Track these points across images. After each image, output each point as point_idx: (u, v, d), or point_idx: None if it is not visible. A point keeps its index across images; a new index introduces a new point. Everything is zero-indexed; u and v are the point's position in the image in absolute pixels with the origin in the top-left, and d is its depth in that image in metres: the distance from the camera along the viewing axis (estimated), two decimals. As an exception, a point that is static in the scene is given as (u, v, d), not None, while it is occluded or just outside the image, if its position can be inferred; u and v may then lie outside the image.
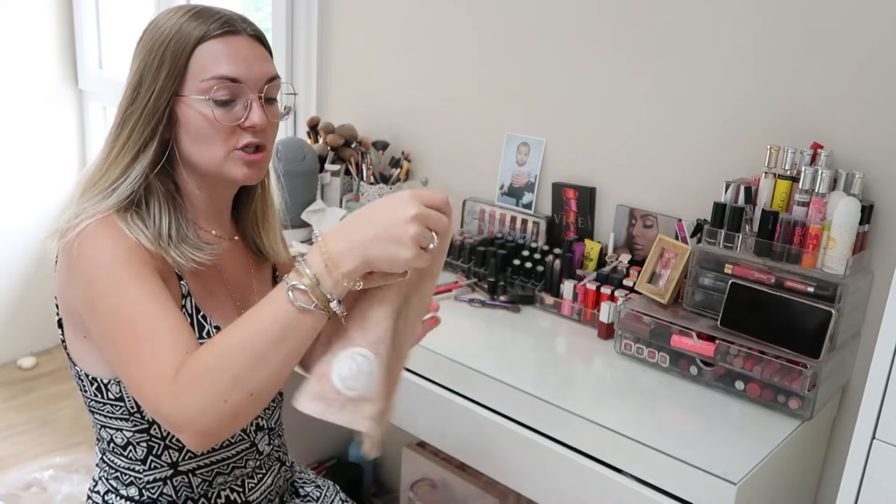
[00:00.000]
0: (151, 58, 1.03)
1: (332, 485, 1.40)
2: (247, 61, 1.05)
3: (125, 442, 1.11)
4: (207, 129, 1.04)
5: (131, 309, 0.95)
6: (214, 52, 1.03)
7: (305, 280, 0.85)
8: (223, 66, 1.03)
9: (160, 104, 1.03)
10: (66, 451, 2.48)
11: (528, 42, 1.79)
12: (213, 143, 1.05)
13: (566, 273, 1.63)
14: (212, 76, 1.03)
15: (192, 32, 1.03)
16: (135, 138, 1.04)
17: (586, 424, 1.21)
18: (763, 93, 1.45)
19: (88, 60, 2.94)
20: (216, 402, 0.86)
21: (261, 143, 1.07)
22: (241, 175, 1.07)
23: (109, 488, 1.16)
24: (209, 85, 1.02)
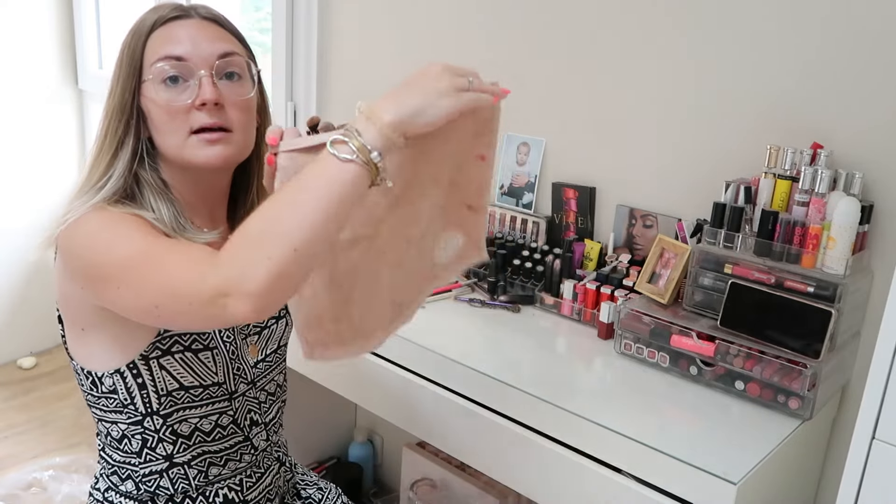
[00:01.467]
0: (118, 56, 1.06)
1: (334, 487, 1.40)
2: (193, 40, 1.04)
3: (120, 435, 1.12)
4: (162, 115, 1.03)
5: (143, 241, 0.94)
6: (164, 36, 1.04)
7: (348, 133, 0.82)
8: (169, 47, 1.03)
9: (126, 99, 1.04)
10: (66, 451, 2.48)
11: (528, 42, 1.78)
12: (171, 129, 1.03)
13: (566, 273, 1.63)
14: (158, 58, 1.03)
15: (146, 23, 1.05)
16: (111, 136, 1.05)
17: (586, 424, 1.21)
18: (763, 92, 1.45)
19: (88, 60, 2.94)
20: (260, 259, 0.79)
21: (218, 122, 1.03)
22: (202, 158, 1.03)
23: (109, 485, 1.16)
24: (157, 68, 1.03)
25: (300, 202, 0.81)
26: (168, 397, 1.09)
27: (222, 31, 1.08)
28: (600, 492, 1.19)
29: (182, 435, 1.12)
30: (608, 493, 1.18)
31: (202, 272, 0.83)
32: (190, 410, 1.11)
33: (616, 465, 1.18)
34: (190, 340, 1.09)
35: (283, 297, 0.83)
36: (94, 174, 1.05)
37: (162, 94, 1.03)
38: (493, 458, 1.33)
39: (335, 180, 0.81)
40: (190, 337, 1.09)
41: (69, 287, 1.05)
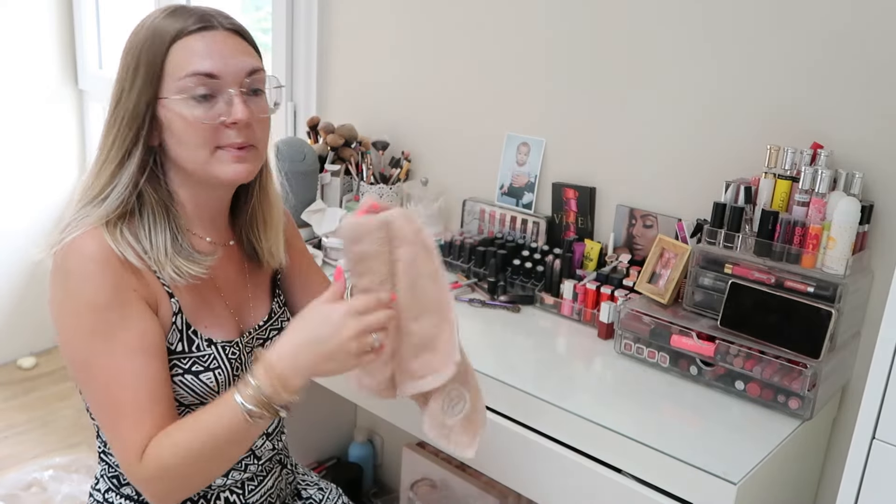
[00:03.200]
0: (129, 61, 1.02)
1: (334, 488, 1.40)
2: (223, 55, 1.02)
3: None
4: (189, 130, 1.01)
5: (108, 369, 0.98)
6: (189, 48, 1.00)
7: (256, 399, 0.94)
8: (198, 63, 1.00)
9: (140, 109, 1.01)
10: (66, 451, 2.48)
11: (528, 42, 1.78)
12: (197, 144, 1.02)
13: (566, 273, 1.63)
14: (186, 73, 1.00)
15: (166, 31, 1.00)
16: (118, 145, 1.03)
17: (586, 424, 1.21)
18: (763, 92, 1.45)
19: (88, 60, 2.94)
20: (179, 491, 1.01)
21: (247, 140, 1.04)
22: (230, 174, 1.04)
23: (110, 486, 1.15)
24: (185, 83, 1.00)
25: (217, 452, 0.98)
26: None
27: (246, 45, 1.06)
28: (600, 492, 1.19)
29: None
30: (608, 493, 1.18)
31: (129, 471, 0.99)
32: None
33: (616, 465, 1.18)
34: (190, 363, 1.07)
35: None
36: (97, 183, 1.03)
37: (193, 111, 1.00)
38: (493, 458, 1.33)
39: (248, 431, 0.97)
40: (189, 360, 1.07)
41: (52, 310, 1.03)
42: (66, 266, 0.99)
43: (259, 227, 1.18)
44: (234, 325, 1.15)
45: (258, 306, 1.20)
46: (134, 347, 0.99)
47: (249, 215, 1.17)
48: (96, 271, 0.97)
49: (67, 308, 0.99)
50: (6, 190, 2.89)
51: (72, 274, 0.98)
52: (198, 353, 1.07)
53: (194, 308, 1.08)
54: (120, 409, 0.99)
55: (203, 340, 1.08)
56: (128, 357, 0.99)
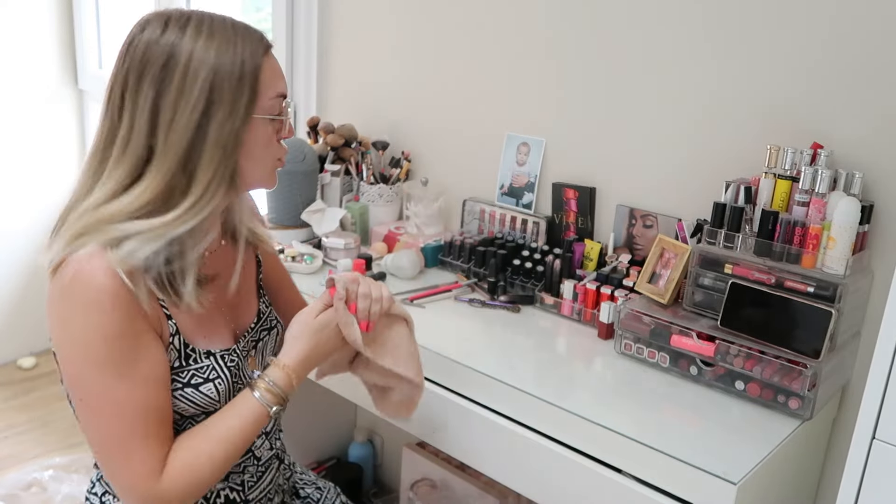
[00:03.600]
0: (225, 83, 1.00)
1: (332, 486, 1.40)
2: (284, 75, 1.10)
3: None
4: (271, 147, 1.07)
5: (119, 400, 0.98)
6: (270, 69, 1.05)
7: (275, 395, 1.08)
8: (279, 84, 1.07)
9: (240, 132, 1.02)
10: (66, 451, 2.48)
11: (528, 42, 1.78)
12: (266, 158, 1.08)
13: (566, 273, 1.63)
14: (275, 94, 1.05)
15: (257, 53, 1.03)
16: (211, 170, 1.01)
17: (586, 424, 1.21)
18: (763, 92, 1.45)
19: (88, 60, 2.94)
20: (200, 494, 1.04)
21: None
22: (275, 182, 1.12)
23: (107, 489, 1.15)
24: (273, 104, 1.05)
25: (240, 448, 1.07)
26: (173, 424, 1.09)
27: None
28: (600, 492, 1.19)
29: None
30: (608, 493, 1.18)
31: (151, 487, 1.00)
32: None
33: (616, 465, 1.18)
34: (189, 376, 1.07)
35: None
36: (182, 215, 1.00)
37: (271, 128, 1.06)
38: (493, 458, 1.33)
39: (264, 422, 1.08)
40: (188, 373, 1.07)
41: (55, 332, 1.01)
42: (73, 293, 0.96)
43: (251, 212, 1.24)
44: (230, 331, 1.15)
45: (248, 308, 1.21)
46: (146, 377, 1.00)
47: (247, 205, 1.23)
48: (108, 302, 0.96)
49: (77, 337, 0.97)
50: (6, 190, 2.89)
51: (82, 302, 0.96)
52: (196, 366, 1.07)
53: (193, 324, 1.08)
54: (132, 437, 0.99)
55: (201, 354, 1.08)
56: (139, 387, 0.99)
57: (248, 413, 1.07)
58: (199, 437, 1.04)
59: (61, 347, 1.00)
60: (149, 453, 0.99)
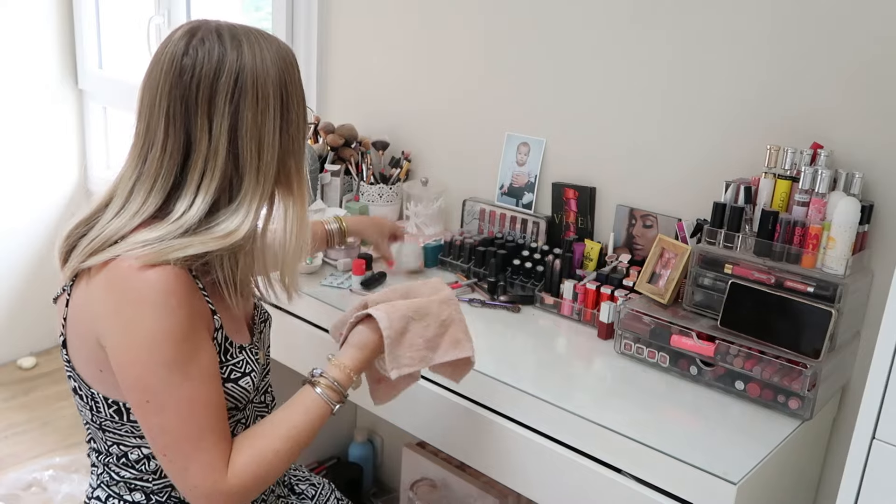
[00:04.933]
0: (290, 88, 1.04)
1: (327, 483, 1.41)
2: None
3: (140, 457, 1.10)
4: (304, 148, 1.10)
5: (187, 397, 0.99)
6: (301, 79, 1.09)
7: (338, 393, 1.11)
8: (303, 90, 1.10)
9: (305, 134, 1.09)
10: (66, 451, 2.48)
11: (528, 42, 1.79)
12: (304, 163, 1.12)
13: (566, 273, 1.63)
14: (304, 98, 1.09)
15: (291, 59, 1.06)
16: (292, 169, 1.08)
17: (586, 424, 1.21)
18: (763, 93, 1.45)
19: (88, 60, 2.94)
20: (261, 490, 1.05)
21: None
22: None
23: (111, 494, 1.14)
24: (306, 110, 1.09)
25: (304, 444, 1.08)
26: None
27: None
28: (600, 492, 1.19)
29: None
30: (608, 493, 1.18)
31: (217, 481, 1.00)
32: None
33: (616, 465, 1.18)
34: (228, 371, 1.08)
35: None
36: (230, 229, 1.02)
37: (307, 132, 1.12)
38: (493, 458, 1.33)
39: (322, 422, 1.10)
40: (227, 369, 1.08)
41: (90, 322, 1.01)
42: (138, 296, 0.96)
43: None
44: (246, 326, 1.18)
45: (249, 301, 1.22)
46: (207, 373, 1.01)
47: None
48: (174, 303, 0.97)
49: (143, 339, 0.97)
50: (6, 190, 2.89)
51: (149, 304, 0.96)
52: (233, 361, 1.09)
53: (230, 319, 1.10)
54: (200, 433, 1.00)
55: (236, 348, 1.10)
56: (204, 383, 1.00)
57: (314, 410, 1.08)
58: (264, 434, 1.06)
59: (123, 352, 0.98)
60: (216, 449, 1.00)
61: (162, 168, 1.01)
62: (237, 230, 1.02)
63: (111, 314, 0.98)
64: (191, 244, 0.99)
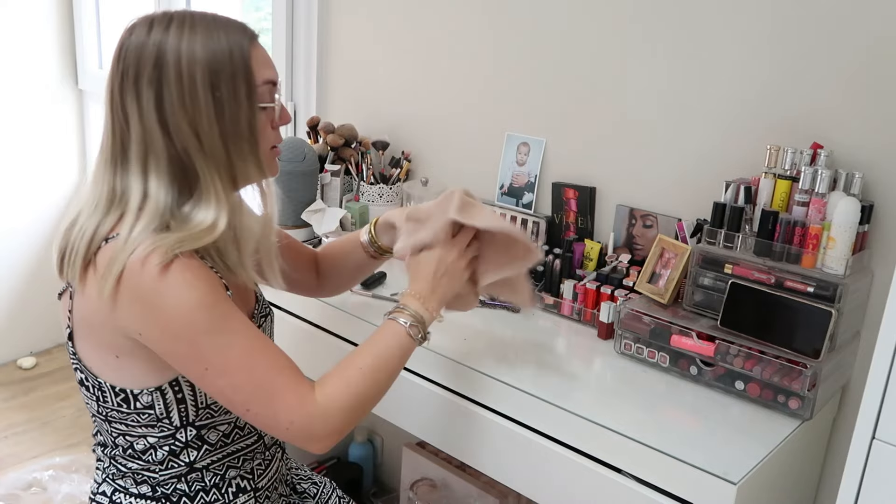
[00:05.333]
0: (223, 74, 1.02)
1: (328, 482, 1.41)
2: (272, 62, 1.10)
3: (146, 447, 1.10)
4: (264, 135, 1.08)
5: (241, 350, 1.01)
6: (257, 58, 1.06)
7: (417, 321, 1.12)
8: (268, 71, 1.08)
9: (252, 116, 1.05)
10: (66, 451, 2.48)
11: (528, 42, 1.78)
12: (267, 148, 1.10)
13: (566, 273, 1.63)
14: (263, 81, 1.06)
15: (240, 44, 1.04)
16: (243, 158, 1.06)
17: (586, 424, 1.21)
18: (763, 93, 1.45)
19: (88, 60, 2.94)
20: (360, 416, 1.07)
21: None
22: (274, 171, 1.13)
23: (117, 488, 1.15)
24: (262, 90, 1.06)
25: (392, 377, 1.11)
26: (206, 409, 1.10)
27: None
28: (600, 492, 1.19)
29: (208, 442, 1.13)
30: (608, 493, 1.18)
31: (310, 412, 1.02)
32: (222, 416, 1.12)
33: (616, 465, 1.18)
34: None
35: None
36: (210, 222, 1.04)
37: (265, 116, 1.07)
38: (493, 458, 1.33)
39: (410, 353, 1.13)
40: None
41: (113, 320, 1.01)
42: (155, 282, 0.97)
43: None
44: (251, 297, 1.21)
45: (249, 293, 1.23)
46: (247, 325, 1.04)
47: None
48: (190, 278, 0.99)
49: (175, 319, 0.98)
50: (6, 190, 2.89)
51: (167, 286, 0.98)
52: None
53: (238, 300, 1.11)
54: (270, 379, 1.01)
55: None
56: (250, 334, 1.03)
57: (393, 339, 1.10)
58: (344, 360, 1.08)
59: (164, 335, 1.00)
60: (294, 383, 1.02)
61: (109, 150, 1.05)
62: (216, 222, 1.03)
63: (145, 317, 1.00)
64: (183, 241, 1.00)
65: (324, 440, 1.04)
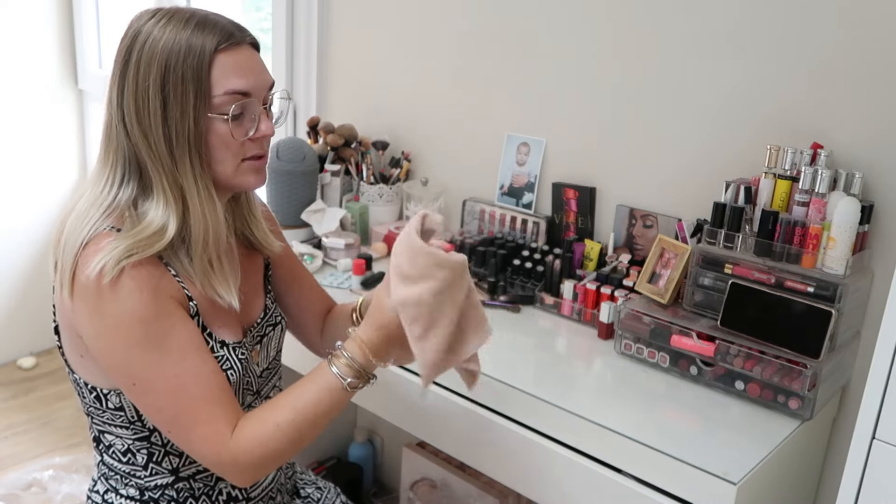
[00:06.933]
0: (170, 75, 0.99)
1: (332, 486, 1.40)
2: (253, 72, 1.04)
3: (125, 448, 1.10)
4: (222, 147, 1.03)
5: (169, 376, 0.99)
6: (224, 65, 1.01)
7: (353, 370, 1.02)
8: (235, 81, 1.01)
9: (197, 126, 1.00)
10: (66, 451, 2.48)
11: (528, 42, 1.78)
12: (226, 158, 1.04)
13: (566, 273, 1.63)
14: (224, 91, 1.01)
15: (204, 47, 0.99)
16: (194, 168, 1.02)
17: (586, 424, 1.21)
18: (763, 93, 1.45)
19: (88, 60, 2.94)
20: (273, 467, 1.03)
21: (264, 151, 1.09)
22: (253, 183, 1.08)
23: (109, 488, 1.15)
24: (223, 101, 1.01)
25: (318, 426, 1.03)
26: None
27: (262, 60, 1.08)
28: (600, 492, 1.19)
29: None
30: (608, 493, 1.18)
31: (221, 459, 1.00)
32: None
33: (616, 465, 1.18)
34: None
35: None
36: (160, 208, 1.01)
37: (225, 127, 1.02)
38: (493, 458, 1.33)
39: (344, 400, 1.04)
40: None
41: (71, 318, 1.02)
42: (98, 286, 0.96)
43: (248, 218, 1.21)
44: (238, 324, 1.15)
45: (255, 303, 1.21)
46: (187, 348, 1.00)
47: (241, 209, 1.19)
48: (133, 286, 0.97)
49: (112, 325, 0.98)
50: (6, 190, 2.89)
51: (108, 291, 0.97)
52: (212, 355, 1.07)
53: (210, 310, 1.08)
54: (193, 409, 0.99)
55: (217, 342, 1.08)
56: (186, 358, 1.00)
57: (323, 383, 1.02)
58: (271, 405, 1.03)
59: (99, 340, 1.00)
60: (215, 419, 1.00)
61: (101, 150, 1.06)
62: (165, 227, 1.01)
63: (82, 309, 0.99)
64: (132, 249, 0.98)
65: (236, 481, 1.03)
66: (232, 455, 0.99)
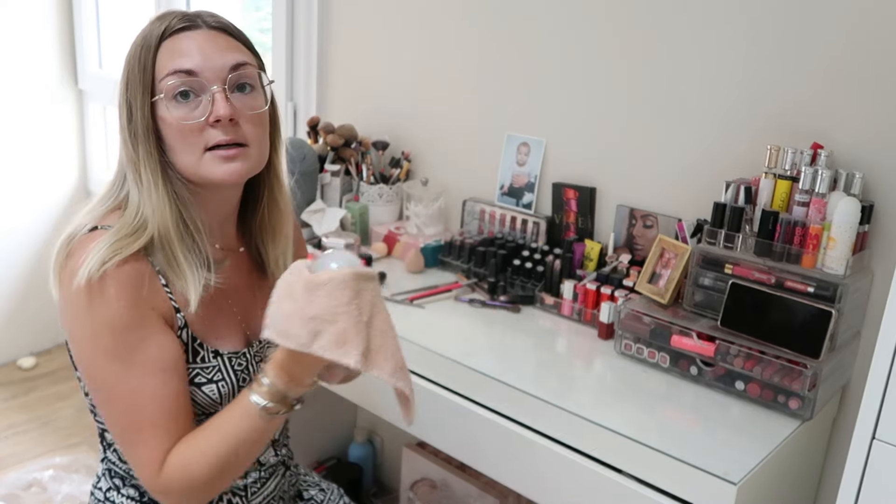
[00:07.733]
0: (126, 72, 1.01)
1: (336, 488, 1.39)
2: (203, 52, 0.99)
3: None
4: (175, 134, 0.99)
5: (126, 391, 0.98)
6: (171, 48, 0.99)
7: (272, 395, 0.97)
8: (178, 61, 0.98)
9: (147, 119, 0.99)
10: (66, 451, 2.48)
11: (528, 42, 1.78)
12: (185, 148, 1.00)
13: (566, 273, 1.63)
14: (168, 72, 0.98)
15: (153, 34, 1.00)
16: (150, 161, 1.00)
17: (586, 424, 1.21)
18: (763, 93, 1.45)
19: (88, 60, 2.94)
20: (204, 496, 1.01)
21: (233, 138, 1.00)
22: (219, 175, 1.00)
23: (111, 485, 1.15)
24: (166, 83, 0.98)
25: (241, 454, 0.99)
26: None
27: (232, 41, 1.03)
28: (600, 492, 1.19)
29: None
30: (608, 493, 1.18)
31: (150, 483, 0.99)
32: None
33: (616, 465, 1.18)
34: (193, 374, 1.05)
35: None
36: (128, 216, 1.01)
37: (174, 112, 0.98)
38: (493, 458, 1.33)
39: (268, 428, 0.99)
40: (193, 371, 1.05)
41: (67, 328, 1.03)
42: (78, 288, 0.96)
43: (268, 234, 1.16)
44: (241, 335, 1.13)
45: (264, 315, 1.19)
46: (153, 368, 0.99)
47: (259, 222, 1.15)
48: (111, 294, 0.96)
49: (85, 328, 0.98)
50: (6, 190, 2.89)
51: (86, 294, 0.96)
52: (201, 365, 1.06)
53: (203, 320, 1.06)
54: (138, 428, 0.99)
55: (209, 352, 1.07)
56: (150, 375, 0.98)
57: (240, 410, 0.98)
58: (198, 434, 1.00)
59: (73, 341, 1.01)
60: (156, 444, 0.98)
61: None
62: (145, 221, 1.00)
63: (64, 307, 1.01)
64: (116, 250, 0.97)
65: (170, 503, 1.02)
66: (163, 485, 0.99)
